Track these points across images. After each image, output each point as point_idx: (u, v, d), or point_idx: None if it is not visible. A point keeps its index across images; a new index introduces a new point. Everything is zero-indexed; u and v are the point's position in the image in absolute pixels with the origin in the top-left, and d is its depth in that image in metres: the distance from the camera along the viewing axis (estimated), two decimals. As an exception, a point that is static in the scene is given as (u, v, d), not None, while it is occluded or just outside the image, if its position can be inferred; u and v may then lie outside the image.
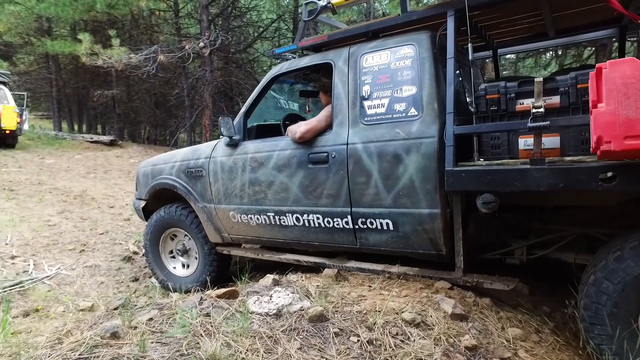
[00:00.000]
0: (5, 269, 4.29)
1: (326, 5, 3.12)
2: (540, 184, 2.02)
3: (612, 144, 1.65)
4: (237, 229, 3.51)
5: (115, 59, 10.03)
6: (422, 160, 2.48)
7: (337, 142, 2.83)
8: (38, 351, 1.75)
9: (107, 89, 16.38)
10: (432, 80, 2.53)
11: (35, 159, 11.52)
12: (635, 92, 1.62)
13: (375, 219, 2.71)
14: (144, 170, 4.26)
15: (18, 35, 17.16)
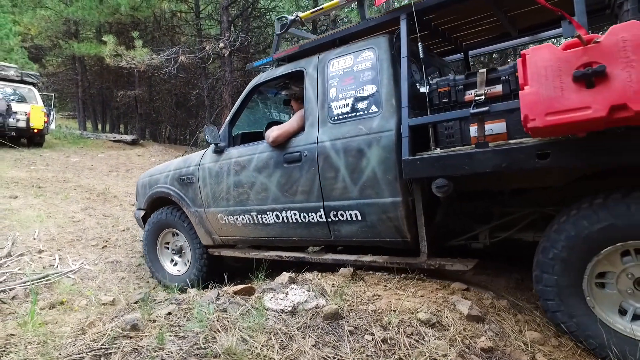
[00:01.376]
0: (33, 262, 4.44)
1: (295, 19, 3.42)
2: (486, 165, 2.18)
3: (537, 121, 1.81)
4: (225, 231, 3.69)
5: (138, 59, 10.27)
6: (382, 153, 2.66)
7: (308, 141, 3.03)
8: (63, 340, 1.81)
9: (129, 89, 16.77)
10: (390, 79, 2.71)
11: (61, 158, 11.88)
12: (553, 73, 1.79)
13: (345, 210, 2.87)
14: (142, 181, 4.54)
15: (47, 38, 17.78)
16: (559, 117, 1.77)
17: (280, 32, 3.54)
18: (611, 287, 2.14)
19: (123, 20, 16.19)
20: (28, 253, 4.65)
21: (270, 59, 3.66)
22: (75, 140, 15.47)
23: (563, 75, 1.78)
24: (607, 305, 2.14)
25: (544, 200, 2.56)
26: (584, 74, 1.72)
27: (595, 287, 2.16)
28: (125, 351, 1.66)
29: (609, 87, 1.69)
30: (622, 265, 2.09)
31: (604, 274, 2.16)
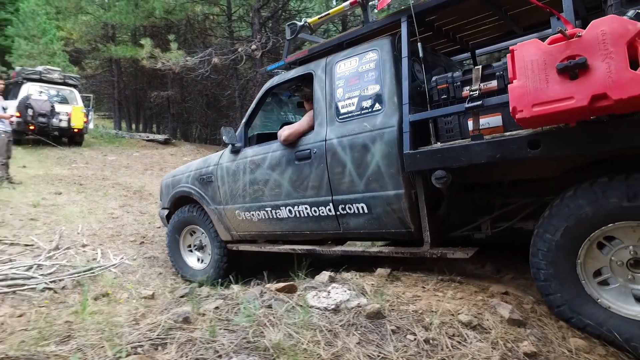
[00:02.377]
0: (78, 255, 4.66)
1: (304, 25, 3.59)
2: (481, 157, 2.28)
3: (524, 112, 1.91)
4: (242, 226, 3.87)
5: (173, 61, 10.57)
6: (385, 148, 2.78)
7: (317, 139, 3.18)
8: (120, 329, 1.92)
9: (162, 90, 17.27)
10: (392, 79, 2.83)
11: (99, 156, 12.37)
12: (539, 67, 1.89)
13: (352, 204, 2.99)
14: (166, 181, 4.78)
15: (87, 42, 18.54)
16: (544, 108, 1.87)
17: (291, 37, 3.71)
18: (613, 281, 2.20)
19: (157, 23, 16.71)
20: (73, 247, 4.87)
21: (282, 63, 3.82)
22: (111, 139, 16.06)
23: (548, 69, 1.88)
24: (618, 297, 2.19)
25: (543, 191, 2.61)
26: (567, 66, 1.81)
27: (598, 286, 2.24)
28: (180, 342, 1.74)
29: (590, 78, 1.77)
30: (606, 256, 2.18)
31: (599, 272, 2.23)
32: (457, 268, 3.16)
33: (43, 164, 10.22)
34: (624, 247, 2.14)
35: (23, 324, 2.64)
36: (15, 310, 3.05)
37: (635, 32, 1.72)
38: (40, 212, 5.92)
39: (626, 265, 2.15)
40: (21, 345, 1.84)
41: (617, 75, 1.72)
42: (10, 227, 5.11)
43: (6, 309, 3.02)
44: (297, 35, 3.69)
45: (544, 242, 2.31)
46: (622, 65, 1.71)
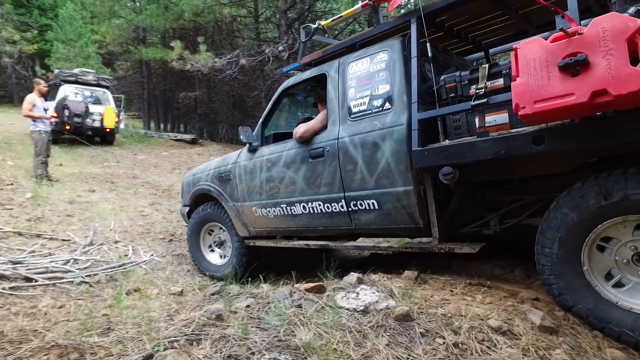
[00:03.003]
0: (111, 251, 4.83)
1: (317, 27, 3.68)
2: (487, 153, 2.32)
3: (527, 109, 1.96)
4: (259, 222, 4.00)
5: (201, 63, 10.79)
6: (395, 145, 2.85)
7: (330, 137, 3.28)
8: (156, 324, 2.00)
9: (190, 91, 17.62)
10: (402, 78, 2.90)
11: (130, 155, 12.74)
12: (540, 65, 1.93)
13: (364, 200, 3.07)
14: (187, 180, 4.93)
15: (119, 45, 19.14)
16: (546, 105, 1.91)
17: (305, 39, 3.81)
18: (626, 280, 2.20)
19: (186, 25, 17.07)
20: (106, 243, 5.06)
21: (297, 65, 3.92)
22: (141, 138, 16.51)
23: (550, 66, 1.91)
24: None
25: (550, 187, 2.59)
26: (567, 63, 1.83)
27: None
28: (214, 338, 1.80)
29: (591, 74, 1.80)
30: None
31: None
32: (485, 272, 3.13)
33: (78, 162, 10.61)
34: (623, 244, 2.14)
35: (64, 315, 2.77)
36: (56, 301, 3.21)
37: (635, 29, 1.72)
38: (76, 208, 6.16)
39: (632, 262, 2.13)
40: (67, 335, 1.94)
41: (617, 71, 1.73)
42: (49, 223, 5.35)
43: (48, 300, 3.18)
44: (311, 37, 3.80)
45: (547, 257, 2.32)
46: (622, 61, 1.73)
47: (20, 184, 6.69)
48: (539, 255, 2.37)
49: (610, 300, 2.19)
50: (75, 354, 1.75)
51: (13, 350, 1.82)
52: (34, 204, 5.86)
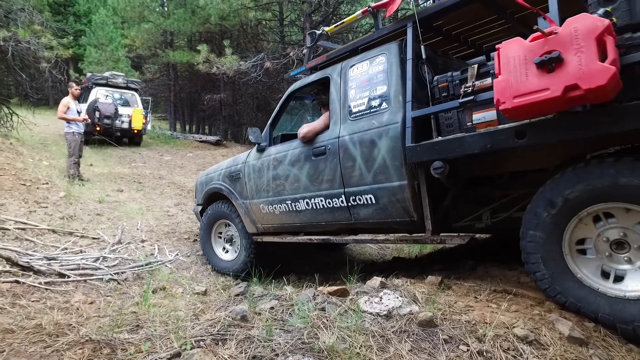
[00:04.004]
0: (137, 250, 4.97)
1: (322, 33, 3.87)
2: (474, 147, 2.45)
3: (507, 104, 2.10)
4: (266, 219, 4.17)
5: (227, 66, 10.97)
6: (390, 142, 2.99)
7: (331, 136, 3.45)
8: (182, 323, 2.05)
9: (215, 93, 17.92)
10: (399, 79, 3.04)
11: (156, 156, 13.06)
12: (520, 63, 2.07)
13: (362, 195, 3.21)
14: (200, 180, 5.17)
15: (147, 48, 19.70)
16: (523, 99, 2.04)
17: (311, 44, 4.00)
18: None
19: (212, 29, 17.38)
20: (133, 242, 5.20)
21: (304, 69, 4.11)
22: (167, 140, 16.89)
23: (528, 63, 2.04)
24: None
25: (539, 182, 2.63)
26: (543, 60, 1.97)
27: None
28: (239, 339, 1.84)
29: (564, 70, 1.92)
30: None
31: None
32: (511, 279, 3.07)
33: (107, 162, 10.95)
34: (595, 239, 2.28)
35: (95, 311, 2.87)
36: (87, 297, 3.33)
37: (604, 28, 1.85)
38: (105, 207, 6.37)
39: (613, 251, 2.25)
40: (100, 331, 2.02)
41: (587, 67, 1.85)
42: (80, 221, 5.54)
43: (80, 296, 3.30)
44: (316, 42, 3.97)
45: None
46: (592, 57, 1.85)
47: (54, 183, 6.96)
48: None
49: (618, 296, 2.21)
50: (107, 349, 1.82)
51: (51, 343, 1.91)
52: (67, 203, 6.09)
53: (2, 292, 3.03)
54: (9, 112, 10.07)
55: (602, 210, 2.21)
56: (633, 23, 2.02)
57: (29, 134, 10.68)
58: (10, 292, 3.09)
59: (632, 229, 2.15)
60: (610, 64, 1.83)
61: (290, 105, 4.46)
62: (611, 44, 1.88)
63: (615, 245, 2.23)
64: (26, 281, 3.34)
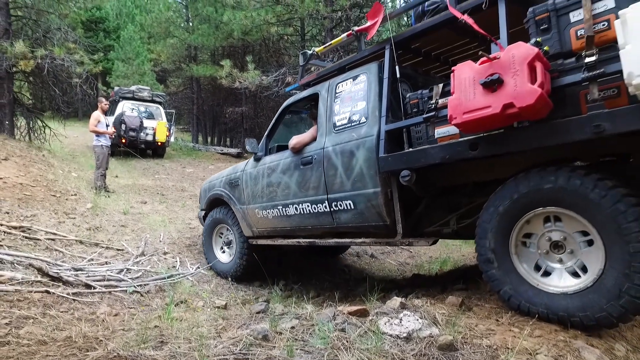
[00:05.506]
0: (160, 262, 5.06)
1: (312, 53, 4.20)
2: (435, 158, 2.73)
3: (457, 119, 2.38)
4: (260, 223, 4.48)
5: (249, 81, 11.19)
6: (367, 153, 3.27)
7: (317, 147, 3.75)
8: (205, 341, 2.09)
9: (237, 106, 18.28)
10: (376, 96, 3.31)
11: (179, 168, 13.33)
12: (469, 83, 2.34)
13: (342, 201, 3.49)
14: (204, 186, 5.52)
15: (172, 63, 20.30)
16: (470, 115, 2.31)
17: (303, 63, 4.33)
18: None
19: (235, 44, 17.82)
20: (156, 254, 5.30)
21: (297, 85, 4.46)
22: (189, 152, 17.24)
23: (476, 84, 2.31)
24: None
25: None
26: (486, 81, 2.24)
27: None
28: (260, 358, 1.86)
29: (503, 90, 2.20)
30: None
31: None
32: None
33: (131, 174, 11.25)
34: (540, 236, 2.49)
35: (119, 323, 2.95)
36: (111, 309, 3.42)
37: (534, 55, 2.14)
38: (129, 219, 6.53)
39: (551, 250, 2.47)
40: (126, 346, 2.08)
41: (520, 88, 2.14)
42: (106, 232, 5.70)
43: (105, 308, 3.39)
44: (308, 61, 4.31)
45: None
46: (524, 80, 2.13)
47: (82, 194, 7.19)
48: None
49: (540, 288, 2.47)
50: (133, 365, 1.87)
51: (82, 357, 1.97)
52: (93, 214, 6.28)
53: (34, 301, 3.14)
54: (43, 125, 10.51)
55: (553, 214, 2.42)
56: (563, 51, 2.29)
57: (59, 145, 11.09)
58: (41, 302, 3.20)
59: (571, 235, 2.37)
60: (538, 86, 2.10)
61: (287, 118, 4.82)
62: (540, 69, 2.14)
63: (554, 246, 2.46)
64: (55, 291, 3.46)
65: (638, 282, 2.09)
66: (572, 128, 2.17)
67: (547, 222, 2.46)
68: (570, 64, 2.25)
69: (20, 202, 5.72)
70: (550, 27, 2.32)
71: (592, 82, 2.11)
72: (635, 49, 1.85)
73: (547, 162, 2.47)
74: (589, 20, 2.14)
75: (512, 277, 2.54)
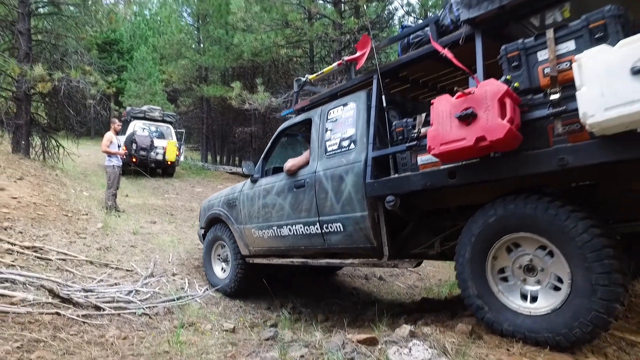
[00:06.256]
0: (169, 283, 5.07)
1: (306, 80, 4.43)
2: (417, 184, 2.87)
3: (435, 150, 2.52)
4: (256, 242, 4.61)
5: (259, 102, 11.37)
6: (355, 178, 3.41)
7: (310, 171, 3.88)
8: (215, 369, 2.09)
9: (246, 126, 18.51)
10: (365, 123, 3.44)
11: (188, 187, 13.44)
12: (445, 116, 2.48)
13: (332, 223, 3.62)
14: (204, 205, 5.72)
15: (183, 83, 20.72)
16: (448, 146, 2.45)
17: (298, 89, 4.56)
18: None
19: (244, 65, 18.17)
20: (165, 275, 5.31)
21: (292, 110, 4.64)
22: (198, 171, 17.40)
23: (452, 117, 2.44)
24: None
25: None
26: (461, 115, 2.37)
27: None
28: (270, 388, 1.85)
29: (477, 124, 2.33)
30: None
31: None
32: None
33: (141, 193, 11.36)
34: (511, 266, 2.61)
35: (128, 347, 2.96)
36: (120, 332, 3.42)
37: (504, 92, 2.28)
38: (139, 239, 6.57)
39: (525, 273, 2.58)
40: (137, 375, 2.08)
41: (491, 122, 2.27)
42: (115, 252, 5.74)
43: (114, 331, 3.40)
44: (302, 88, 4.53)
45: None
46: (495, 115, 2.26)
47: (93, 214, 7.28)
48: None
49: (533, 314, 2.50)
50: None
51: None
52: (104, 234, 6.34)
53: (44, 324, 3.17)
54: (57, 144, 10.73)
55: (512, 241, 2.57)
56: (532, 87, 2.41)
57: (72, 164, 11.28)
58: (52, 324, 3.22)
59: (534, 254, 2.50)
60: (508, 121, 2.23)
61: (284, 141, 5.01)
62: (510, 105, 2.28)
63: (527, 270, 2.55)
64: (66, 313, 3.48)
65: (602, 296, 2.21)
66: (539, 160, 2.32)
67: (510, 251, 2.61)
68: (539, 99, 2.38)
69: (34, 222, 5.81)
70: (521, 64, 2.46)
71: (556, 118, 2.26)
72: (589, 91, 2.00)
73: (521, 189, 2.60)
74: (553, 60, 2.30)
75: (505, 314, 2.58)
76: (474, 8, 2.73)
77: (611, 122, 1.93)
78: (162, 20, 25.89)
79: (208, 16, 19.82)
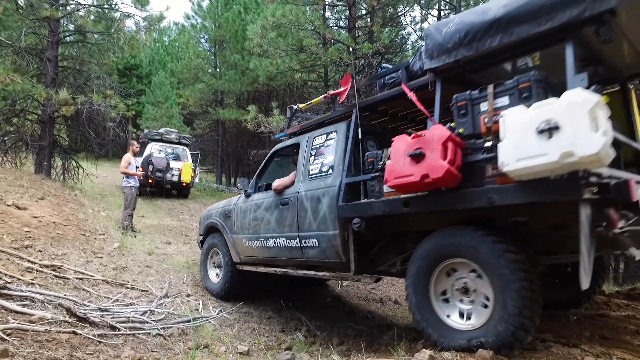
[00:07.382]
0: (183, 304, 5.06)
1: (296, 109, 4.94)
2: (378, 210, 3.24)
3: (390, 182, 2.88)
4: (246, 252, 5.09)
5: (274, 125, 11.53)
6: (329, 200, 3.79)
7: (294, 191, 4.28)
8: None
9: (261, 148, 18.68)
10: (342, 152, 3.85)
11: (202, 209, 13.46)
12: (401, 154, 2.81)
13: (310, 239, 4.02)
14: (204, 214, 6.18)
15: (199, 106, 21.16)
16: (399, 180, 2.79)
17: (290, 116, 5.06)
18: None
19: (260, 89, 18.54)
20: (179, 296, 5.30)
21: (284, 134, 5.13)
22: (212, 192, 17.55)
23: (406, 155, 2.76)
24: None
25: None
26: (412, 154, 2.71)
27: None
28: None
29: (424, 163, 2.66)
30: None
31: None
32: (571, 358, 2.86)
33: (157, 214, 11.48)
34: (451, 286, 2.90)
35: (143, 369, 2.93)
36: (135, 352, 3.41)
37: (447, 137, 2.60)
38: (154, 260, 6.60)
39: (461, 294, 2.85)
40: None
41: (434, 162, 2.59)
42: (131, 272, 5.77)
43: (129, 351, 3.39)
44: (293, 115, 5.04)
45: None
46: (438, 156, 2.58)
47: (110, 234, 7.37)
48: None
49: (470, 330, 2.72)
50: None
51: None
52: (120, 254, 6.39)
53: (61, 342, 3.18)
54: (76, 165, 10.99)
55: (450, 266, 2.87)
56: (475, 133, 2.72)
57: (90, 185, 11.50)
58: (69, 343, 3.23)
59: (467, 277, 2.79)
60: (448, 162, 2.54)
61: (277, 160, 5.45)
62: (451, 148, 2.59)
63: (463, 291, 2.82)
64: (82, 332, 3.49)
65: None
66: (472, 197, 2.64)
67: (449, 275, 2.91)
68: (479, 144, 2.68)
69: (53, 241, 5.90)
70: (467, 112, 2.78)
71: (487, 162, 2.61)
72: (507, 143, 2.33)
73: (470, 220, 2.91)
74: (491, 112, 2.63)
75: (447, 331, 2.80)
76: (435, 59, 3.06)
77: (520, 172, 2.28)
78: (180, 46, 26.73)
79: (225, 42, 20.36)
